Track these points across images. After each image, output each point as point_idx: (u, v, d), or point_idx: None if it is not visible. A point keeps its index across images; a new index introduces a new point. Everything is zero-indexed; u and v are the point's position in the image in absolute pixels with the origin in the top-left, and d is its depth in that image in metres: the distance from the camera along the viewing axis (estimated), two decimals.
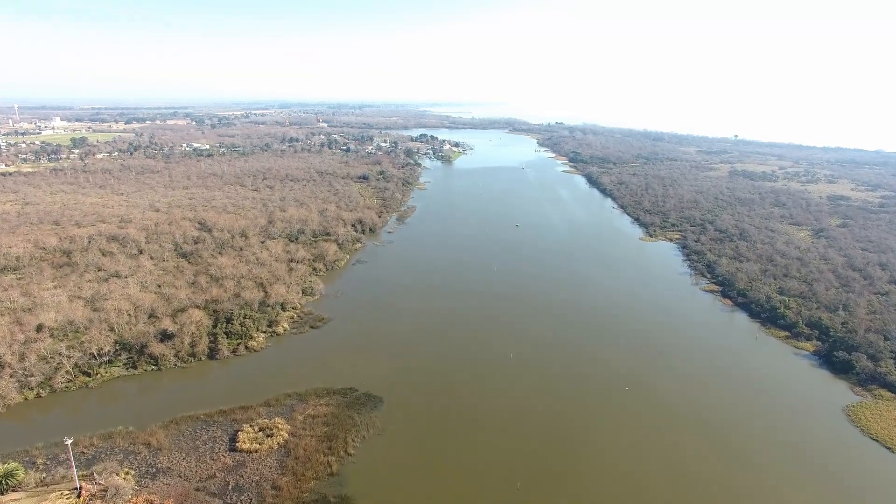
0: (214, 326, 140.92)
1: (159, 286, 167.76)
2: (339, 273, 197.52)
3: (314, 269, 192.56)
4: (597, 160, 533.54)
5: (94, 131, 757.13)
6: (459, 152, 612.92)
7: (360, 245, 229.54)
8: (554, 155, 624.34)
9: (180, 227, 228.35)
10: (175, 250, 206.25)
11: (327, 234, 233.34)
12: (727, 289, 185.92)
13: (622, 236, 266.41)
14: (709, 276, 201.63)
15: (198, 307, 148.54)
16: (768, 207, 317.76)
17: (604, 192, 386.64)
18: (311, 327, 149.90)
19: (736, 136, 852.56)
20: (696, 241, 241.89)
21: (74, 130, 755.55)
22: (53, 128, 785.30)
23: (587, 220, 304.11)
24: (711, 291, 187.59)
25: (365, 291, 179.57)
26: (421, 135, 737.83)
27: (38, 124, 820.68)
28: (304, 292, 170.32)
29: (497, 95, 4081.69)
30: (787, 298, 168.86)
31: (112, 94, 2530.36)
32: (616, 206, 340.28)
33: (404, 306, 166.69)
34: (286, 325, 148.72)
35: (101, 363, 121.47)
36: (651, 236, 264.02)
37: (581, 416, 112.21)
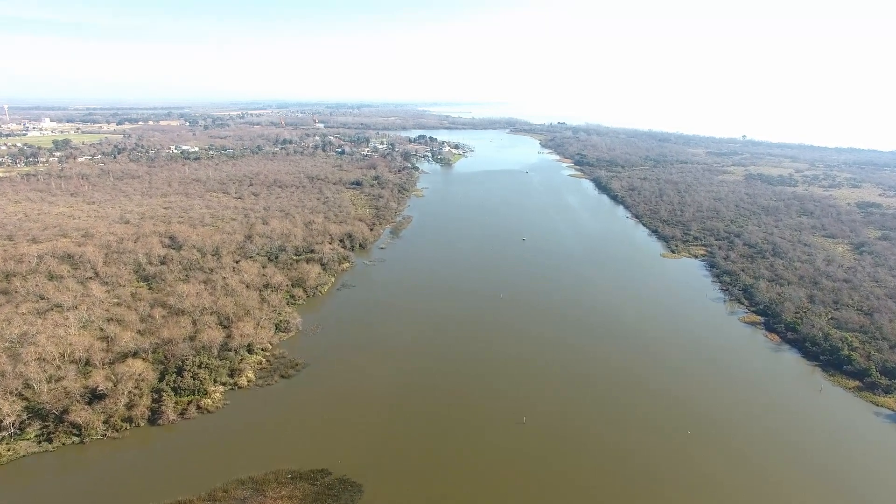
0: (161, 379, 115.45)
1: (108, 320, 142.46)
2: (321, 301, 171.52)
3: (292, 297, 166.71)
4: (604, 163, 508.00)
5: (83, 132, 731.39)
6: (459, 155, 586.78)
7: (347, 265, 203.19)
8: (558, 157, 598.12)
9: (147, 244, 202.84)
10: (136, 272, 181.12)
11: (311, 251, 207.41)
12: (771, 320, 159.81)
13: (641, 252, 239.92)
14: (746, 302, 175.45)
15: (144, 353, 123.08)
16: (795, 217, 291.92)
17: (615, 198, 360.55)
18: (282, 376, 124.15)
19: (744, 136, 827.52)
20: (724, 259, 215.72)
21: (63, 132, 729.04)
22: (41, 129, 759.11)
23: (600, 231, 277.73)
24: (752, 323, 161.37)
25: (349, 326, 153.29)
26: (419, 136, 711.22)
27: (27, 125, 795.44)
28: (277, 327, 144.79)
29: (498, 95, 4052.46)
30: (847, 335, 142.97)
31: (111, 95, 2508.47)
32: (630, 215, 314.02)
33: (393, 347, 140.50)
34: (251, 375, 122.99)
35: (2, 437, 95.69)
36: (673, 252, 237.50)
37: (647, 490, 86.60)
